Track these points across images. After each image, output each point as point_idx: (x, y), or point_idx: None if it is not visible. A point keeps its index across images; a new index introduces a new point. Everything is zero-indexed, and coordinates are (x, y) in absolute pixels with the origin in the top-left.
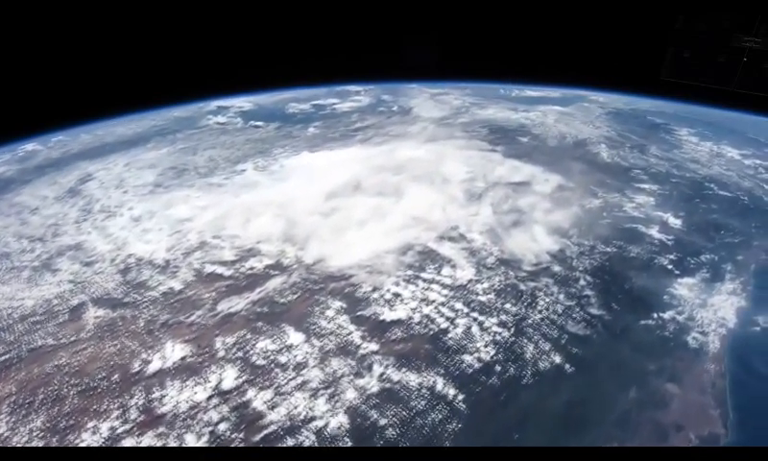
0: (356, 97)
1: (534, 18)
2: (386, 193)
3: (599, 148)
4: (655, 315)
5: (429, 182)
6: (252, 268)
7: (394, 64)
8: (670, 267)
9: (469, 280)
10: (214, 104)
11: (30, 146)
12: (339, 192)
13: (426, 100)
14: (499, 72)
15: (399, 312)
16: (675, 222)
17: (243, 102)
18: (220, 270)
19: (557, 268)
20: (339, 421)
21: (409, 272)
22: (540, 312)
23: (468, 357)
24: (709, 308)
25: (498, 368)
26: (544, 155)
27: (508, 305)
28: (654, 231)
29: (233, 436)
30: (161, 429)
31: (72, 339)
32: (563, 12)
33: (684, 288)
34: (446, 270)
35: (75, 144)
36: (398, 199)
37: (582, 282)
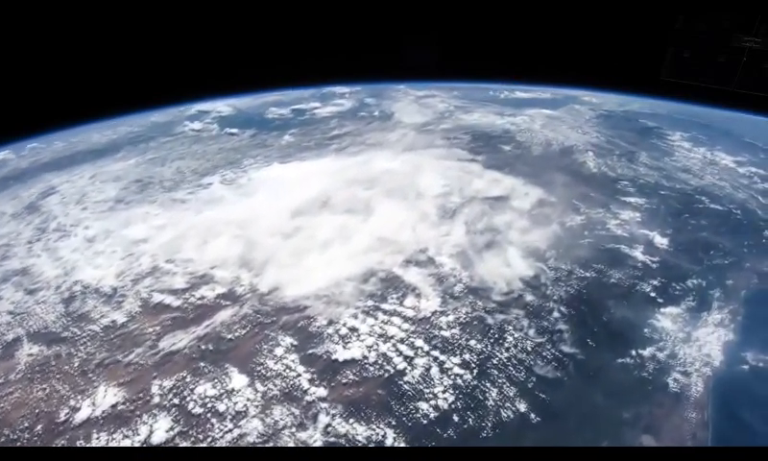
0: (339, 101)
1: (534, 18)
2: (355, 210)
3: (586, 156)
4: (633, 352)
5: (402, 198)
6: (202, 297)
7: (385, 64)
8: (653, 294)
9: (434, 312)
10: (196, 107)
11: (2, 154)
12: (305, 209)
13: (410, 104)
14: (497, 71)
15: (354, 350)
16: (661, 241)
17: (224, 105)
18: (168, 300)
19: (529, 297)
20: None
21: (369, 302)
22: (507, 350)
23: (424, 405)
24: (694, 343)
25: (456, 418)
26: (527, 165)
27: (473, 342)
28: (638, 253)
29: None
30: None
31: (0, 382)
32: (562, 12)
33: (667, 319)
34: (410, 300)
35: (47, 153)
36: (367, 217)
37: (555, 314)
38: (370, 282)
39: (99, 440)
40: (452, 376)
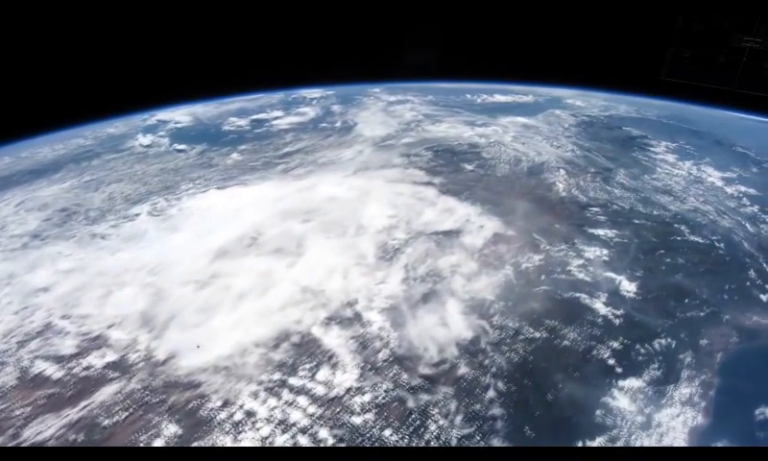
0: (304, 109)
1: (534, 18)
2: (285, 250)
3: (556, 176)
4: (579, 444)
5: (340, 234)
6: (88, 367)
7: (363, 64)
8: (611, 362)
9: (348, 390)
10: (157, 116)
11: None
12: (230, 249)
13: (377, 112)
14: (495, 71)
15: (245, 442)
16: (628, 288)
17: (185, 114)
18: (51, 370)
19: (463, 369)
20: None
21: (276, 375)
22: (427, 443)
23: None
24: (654, 431)
25: None
26: (488, 189)
27: (388, 432)
28: (599, 304)
29: None
30: None
31: None
32: (562, 12)
33: (624, 397)
34: (324, 372)
35: None
36: (296, 259)
37: (491, 393)
38: (281, 349)
39: None
40: None
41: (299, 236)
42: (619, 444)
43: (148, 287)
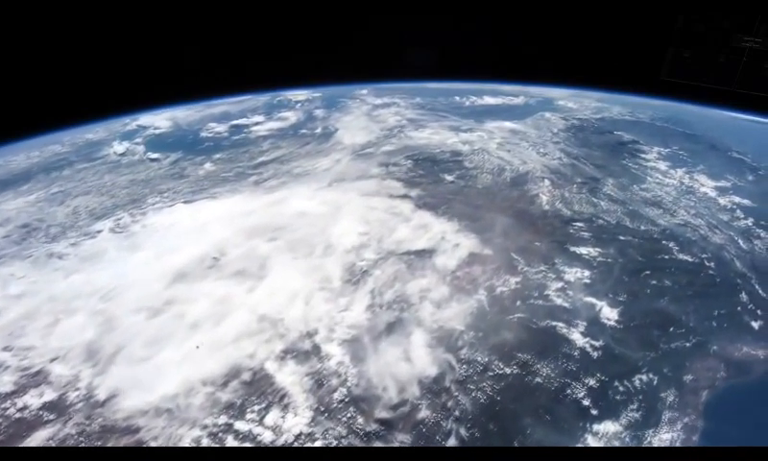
0: (286, 113)
1: (534, 17)
2: (246, 272)
3: (540, 187)
4: None
5: (306, 254)
6: (24, 408)
7: (353, 64)
8: (587, 403)
9: (297, 436)
10: (139, 121)
11: None
12: (189, 271)
13: (360, 116)
14: (494, 71)
15: None
16: (609, 315)
17: (166, 118)
18: None
19: (424, 412)
20: None
21: (221, 419)
22: None
23: None
24: None
25: None
26: (467, 203)
27: None
28: (577, 334)
29: None
30: None
31: None
32: (562, 12)
33: (599, 444)
34: (273, 415)
35: None
36: (258, 282)
37: (452, 441)
38: (229, 388)
39: None
40: None
41: (263, 257)
42: None
43: (98, 315)
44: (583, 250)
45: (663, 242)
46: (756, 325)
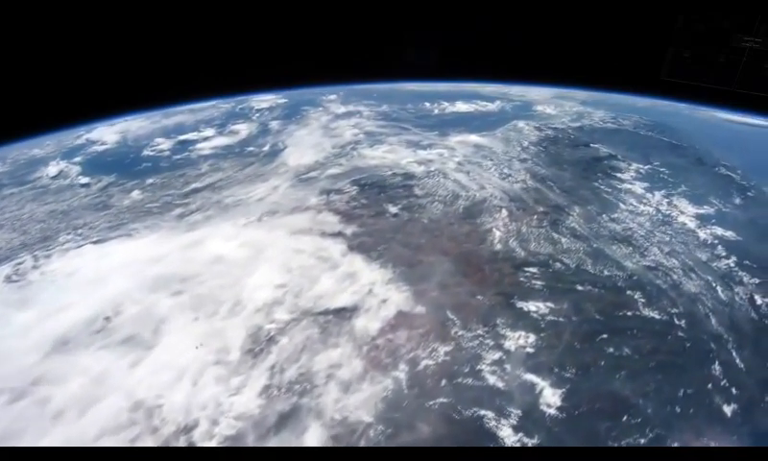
0: (239, 126)
1: (534, 17)
2: (136, 339)
3: (495, 220)
4: None
5: (210, 313)
6: None
7: (330, 64)
8: None
9: None
10: (90, 133)
11: None
12: (73, 337)
13: (316, 130)
14: (493, 71)
15: None
16: (551, 400)
17: (117, 131)
18: None
19: None
20: None
21: None
22: None
23: None
24: None
25: None
26: (406, 243)
27: None
28: (508, 429)
29: None
30: None
31: None
32: (562, 11)
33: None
34: None
35: None
36: (145, 353)
37: None
38: None
39: None
40: None
41: (159, 318)
42: None
43: None
44: (532, 305)
45: (628, 292)
46: (728, 410)
